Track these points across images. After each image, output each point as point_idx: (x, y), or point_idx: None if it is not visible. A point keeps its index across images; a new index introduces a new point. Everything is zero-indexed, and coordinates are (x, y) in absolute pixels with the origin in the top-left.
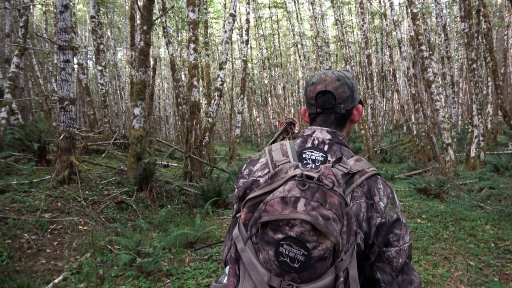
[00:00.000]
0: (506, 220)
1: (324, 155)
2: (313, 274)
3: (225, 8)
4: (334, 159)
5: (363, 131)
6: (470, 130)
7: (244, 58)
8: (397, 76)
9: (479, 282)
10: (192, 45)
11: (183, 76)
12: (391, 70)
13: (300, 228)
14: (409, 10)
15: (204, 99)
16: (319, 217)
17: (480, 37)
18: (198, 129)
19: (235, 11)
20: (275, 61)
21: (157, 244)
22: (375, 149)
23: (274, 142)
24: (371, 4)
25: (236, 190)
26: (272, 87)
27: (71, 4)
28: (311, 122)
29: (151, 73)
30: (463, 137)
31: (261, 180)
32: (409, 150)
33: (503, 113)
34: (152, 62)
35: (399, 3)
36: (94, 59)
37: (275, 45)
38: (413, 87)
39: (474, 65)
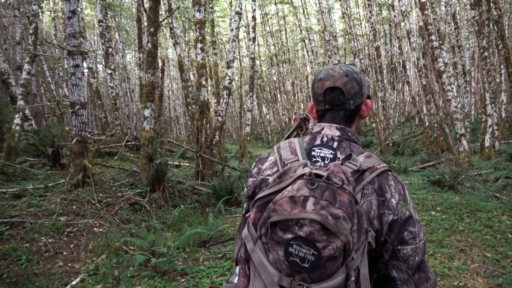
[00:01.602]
0: None
1: (333, 152)
2: (324, 273)
3: (231, 7)
4: (343, 156)
5: (374, 124)
6: (483, 119)
7: (252, 56)
8: (407, 67)
9: (496, 273)
10: (199, 45)
11: (191, 76)
12: (401, 62)
13: (309, 227)
14: (417, 0)
15: (213, 98)
16: (328, 216)
17: (491, 24)
18: (208, 128)
19: (240, 9)
20: (283, 57)
21: (171, 243)
22: (387, 142)
23: (288, 138)
24: None
25: (246, 189)
26: (281, 83)
27: (79, 9)
28: (320, 118)
29: (160, 75)
30: (476, 127)
31: (270, 179)
32: (421, 142)
33: None
34: (160, 64)
35: None
36: (103, 63)
37: (282, 41)
38: (424, 78)
39: (486, 53)
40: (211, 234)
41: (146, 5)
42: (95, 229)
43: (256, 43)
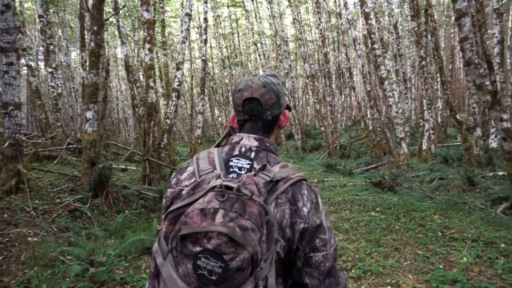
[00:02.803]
0: (452, 209)
1: (250, 162)
2: (232, 285)
3: (182, 8)
4: (260, 166)
5: (322, 128)
6: (422, 124)
7: (204, 58)
8: (354, 73)
9: (425, 270)
10: (147, 45)
11: (141, 76)
12: (348, 68)
13: (217, 240)
14: (362, 10)
15: (163, 99)
16: (236, 228)
17: (428, 36)
18: (156, 131)
19: (191, 11)
20: (236, 60)
21: (111, 252)
22: (335, 144)
23: (218, 146)
24: (327, 3)
25: (164, 200)
26: (233, 86)
27: (13, 3)
28: (240, 128)
29: (104, 75)
30: (416, 131)
31: (184, 191)
32: (366, 145)
33: (450, 108)
34: (105, 63)
35: (354, 3)
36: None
37: (235, 44)
38: (368, 84)
39: (424, 62)
40: (155, 240)
41: (90, 2)
42: (29, 238)
43: (208, 45)
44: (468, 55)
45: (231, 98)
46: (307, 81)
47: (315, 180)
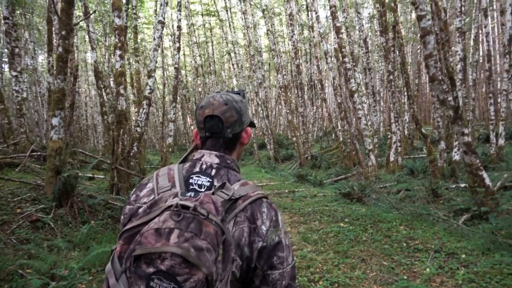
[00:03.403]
0: (417, 220)
1: (210, 180)
2: None
3: (156, 15)
4: (220, 184)
5: (294, 138)
6: (389, 136)
7: (176, 66)
8: (325, 85)
9: (390, 281)
10: (118, 52)
11: (111, 82)
12: (319, 80)
13: (170, 261)
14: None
15: (134, 106)
16: (191, 249)
17: (396, 51)
18: (126, 139)
19: (164, 18)
20: (209, 68)
21: (74, 265)
22: (306, 155)
23: (184, 160)
24: (300, 16)
25: (122, 217)
26: (207, 94)
27: None
28: (202, 145)
29: (72, 81)
30: (384, 142)
31: (141, 209)
32: (336, 156)
33: (415, 122)
34: (74, 69)
35: (326, 16)
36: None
37: (208, 53)
38: (339, 96)
39: (391, 77)
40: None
41: (59, 6)
42: None
43: (181, 53)
44: (432, 71)
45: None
46: (280, 91)
47: (286, 191)
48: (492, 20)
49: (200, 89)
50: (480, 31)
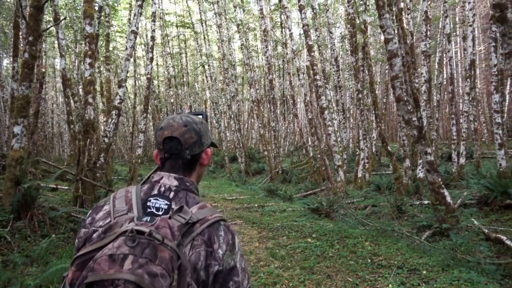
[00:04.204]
0: (382, 236)
1: (168, 203)
2: None
3: (129, 24)
4: (177, 207)
5: (266, 152)
6: (358, 153)
7: (149, 76)
8: (297, 101)
9: None
10: (88, 60)
11: (80, 90)
12: (292, 96)
13: None
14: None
15: (103, 116)
16: (145, 275)
17: (366, 70)
18: (92, 149)
19: (137, 28)
20: (182, 79)
21: (31, 281)
22: (277, 169)
23: (147, 181)
24: (274, 33)
25: (77, 241)
26: (179, 105)
27: None
28: (161, 166)
29: (38, 87)
30: (353, 158)
31: (95, 234)
32: (306, 171)
33: (382, 140)
34: (40, 76)
35: (299, 34)
36: None
37: (182, 64)
38: (310, 112)
39: (360, 95)
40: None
41: (27, 10)
42: None
43: (155, 63)
44: (398, 92)
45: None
46: (253, 105)
47: (256, 205)
48: (455, 45)
49: (172, 100)
50: (444, 55)
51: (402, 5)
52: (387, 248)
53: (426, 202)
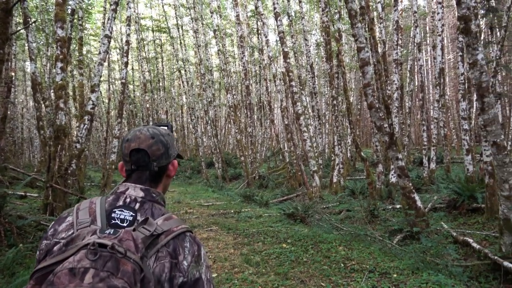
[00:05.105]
0: (356, 240)
1: (133, 214)
2: None
3: (104, 27)
4: (142, 219)
5: (243, 158)
6: (333, 158)
7: (123, 81)
8: (274, 106)
9: None
10: (59, 64)
11: (52, 95)
12: (268, 101)
13: None
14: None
15: (76, 121)
16: None
17: (340, 77)
18: (64, 155)
19: (111, 33)
20: (159, 84)
21: None
22: (254, 175)
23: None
24: (250, 39)
25: (38, 253)
26: (155, 111)
27: None
28: (127, 177)
29: (6, 92)
30: (329, 164)
31: (56, 246)
32: (283, 176)
33: (355, 145)
34: (8, 80)
35: (276, 40)
36: None
37: (158, 69)
38: (286, 118)
39: (335, 101)
40: None
41: None
42: None
43: (130, 67)
44: (370, 100)
45: (151, 123)
46: (230, 111)
47: (232, 211)
48: (426, 53)
49: (148, 105)
50: (415, 63)
51: (375, 14)
52: (360, 252)
53: (398, 206)
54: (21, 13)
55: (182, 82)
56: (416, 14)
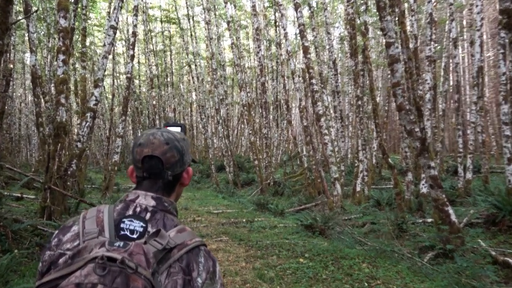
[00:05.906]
0: (381, 257)
1: (144, 225)
2: None
3: (109, 18)
4: (154, 230)
5: (256, 161)
6: (356, 164)
7: (129, 75)
8: (292, 106)
9: None
10: (61, 57)
11: (52, 89)
12: (285, 100)
13: None
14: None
15: (77, 118)
16: None
17: (366, 75)
18: (64, 155)
19: (116, 23)
20: (166, 79)
21: None
22: (269, 180)
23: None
24: (267, 32)
25: (41, 264)
26: (162, 108)
27: None
28: (137, 184)
29: (4, 85)
30: (352, 170)
31: (61, 260)
32: (300, 183)
33: (382, 151)
34: (7, 72)
35: (295, 34)
36: None
37: (166, 63)
38: (305, 119)
39: (360, 102)
40: None
41: None
42: None
43: (136, 61)
44: (399, 100)
45: (158, 122)
46: (243, 110)
47: (244, 220)
48: (462, 50)
49: (154, 102)
50: (450, 61)
51: (406, 5)
52: (386, 271)
53: (429, 220)
54: (21, 2)
55: (192, 77)
56: (452, 6)
